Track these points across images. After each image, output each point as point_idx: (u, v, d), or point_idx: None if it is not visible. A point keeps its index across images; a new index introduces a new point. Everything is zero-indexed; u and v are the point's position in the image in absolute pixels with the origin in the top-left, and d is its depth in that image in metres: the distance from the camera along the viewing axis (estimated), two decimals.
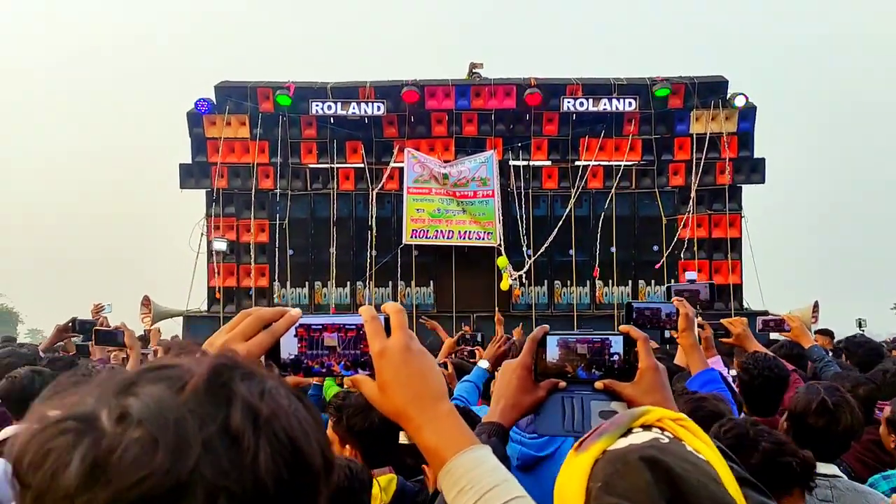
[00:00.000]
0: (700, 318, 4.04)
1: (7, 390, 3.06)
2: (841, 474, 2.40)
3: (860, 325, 9.49)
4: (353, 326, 1.01)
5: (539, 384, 1.29)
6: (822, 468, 2.36)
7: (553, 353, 1.31)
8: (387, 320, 0.98)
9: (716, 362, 3.83)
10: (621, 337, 1.30)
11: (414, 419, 0.94)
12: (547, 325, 1.36)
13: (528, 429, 2.69)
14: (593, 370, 1.30)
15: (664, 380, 1.25)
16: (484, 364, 3.36)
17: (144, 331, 8.76)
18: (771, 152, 12.36)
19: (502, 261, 11.70)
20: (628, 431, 0.94)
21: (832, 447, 2.46)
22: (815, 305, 10.30)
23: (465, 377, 3.35)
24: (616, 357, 1.30)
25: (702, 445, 0.93)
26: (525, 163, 12.39)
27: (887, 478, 2.69)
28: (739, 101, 11.71)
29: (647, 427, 0.95)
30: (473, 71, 12.77)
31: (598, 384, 1.28)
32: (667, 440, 0.92)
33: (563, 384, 1.29)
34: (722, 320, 4.27)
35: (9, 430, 2.69)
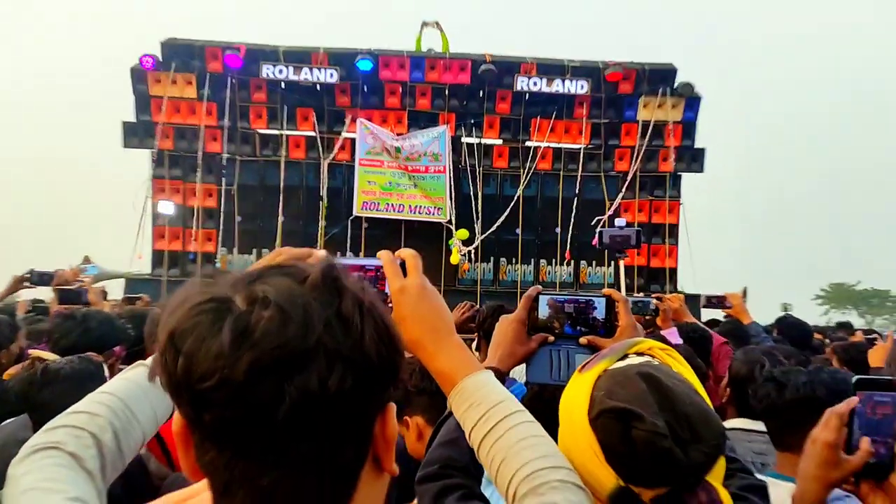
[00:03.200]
0: (680, 306, 4.48)
1: None
2: None
3: (786, 310, 10.09)
4: (373, 267, 1.14)
5: (531, 337, 1.45)
6: (758, 426, 2.56)
7: (544, 310, 1.47)
8: (402, 264, 1.11)
9: (671, 333, 4.21)
10: (604, 299, 1.47)
11: (428, 347, 1.07)
12: (540, 286, 1.53)
13: None
14: (578, 327, 1.46)
15: (642, 337, 1.39)
16: None
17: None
18: (712, 142, 12.83)
19: (462, 233, 11.89)
20: (624, 356, 1.15)
21: None
22: (744, 292, 10.95)
23: None
24: (599, 316, 1.46)
25: (684, 370, 1.15)
26: (477, 140, 12.47)
27: None
28: (686, 91, 12.06)
29: (640, 354, 1.17)
30: (426, 28, 12.60)
31: (583, 340, 1.44)
32: (657, 363, 1.13)
33: (551, 338, 1.45)
34: (661, 295, 4.81)
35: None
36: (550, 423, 1.07)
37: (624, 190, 12.28)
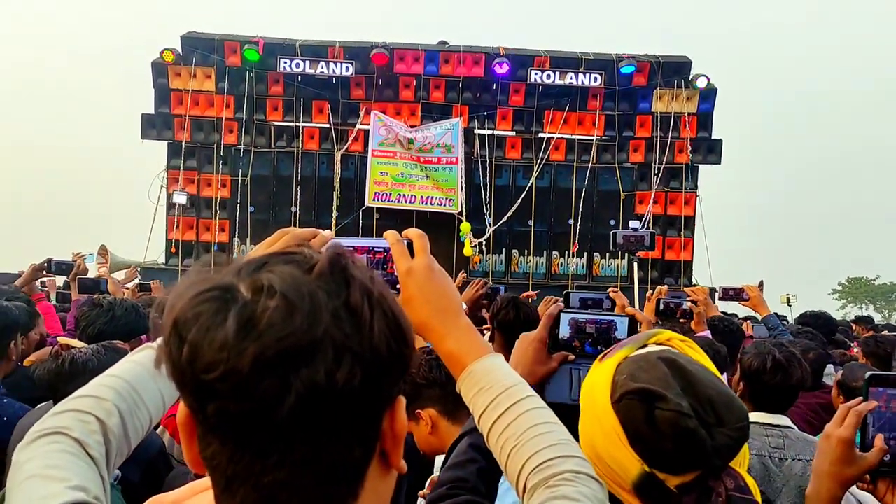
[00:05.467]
0: (705, 299, 4.34)
1: None
2: (792, 425, 2.53)
3: (788, 302, 9.78)
4: (381, 249, 1.12)
5: (552, 356, 1.44)
6: (775, 420, 2.52)
7: (565, 329, 1.46)
8: (410, 244, 1.09)
9: (706, 335, 4.09)
10: (626, 319, 1.46)
11: (437, 329, 1.04)
12: (561, 304, 1.52)
13: None
14: (599, 346, 1.44)
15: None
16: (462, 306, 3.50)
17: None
18: (729, 134, 12.69)
19: (466, 226, 11.84)
20: (644, 346, 1.14)
21: (784, 401, 2.61)
22: (760, 284, 10.70)
23: None
24: (621, 336, 1.44)
25: (704, 361, 1.14)
26: (490, 132, 12.49)
27: None
28: (701, 83, 11.94)
29: (659, 343, 1.15)
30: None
31: None
32: (676, 351, 1.12)
33: (571, 357, 1.44)
34: (685, 289, 4.67)
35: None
36: None
37: (641, 180, 12.15)
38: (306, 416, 0.57)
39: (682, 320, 4.38)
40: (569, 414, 1.63)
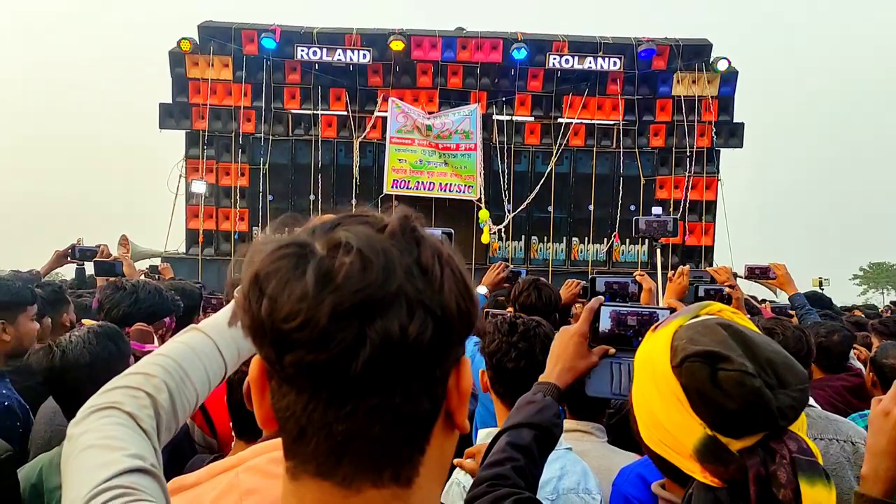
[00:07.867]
0: (733, 280, 4.30)
1: None
2: (815, 404, 2.52)
3: (821, 285, 9.70)
4: None
5: (592, 350, 1.43)
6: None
7: (605, 322, 1.45)
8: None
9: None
10: (668, 311, 1.44)
11: None
12: (602, 297, 1.50)
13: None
14: (640, 339, 1.40)
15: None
16: (482, 290, 3.55)
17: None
18: (751, 117, 12.53)
19: (484, 214, 11.82)
20: (696, 317, 1.14)
21: None
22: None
23: None
24: None
25: (756, 330, 1.12)
26: (508, 118, 12.42)
27: (864, 416, 2.82)
28: (722, 66, 11.83)
29: (710, 315, 1.15)
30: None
31: None
32: (729, 321, 1.11)
33: (612, 351, 1.43)
34: (708, 269, 4.65)
35: None
36: None
37: (661, 165, 12.04)
38: (380, 366, 0.59)
39: None
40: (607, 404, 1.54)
